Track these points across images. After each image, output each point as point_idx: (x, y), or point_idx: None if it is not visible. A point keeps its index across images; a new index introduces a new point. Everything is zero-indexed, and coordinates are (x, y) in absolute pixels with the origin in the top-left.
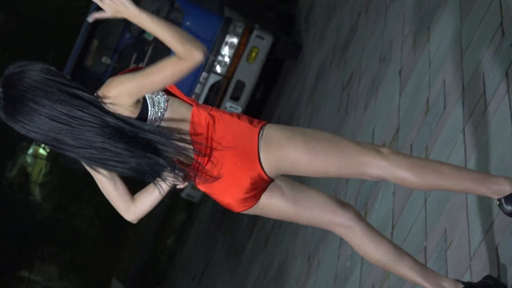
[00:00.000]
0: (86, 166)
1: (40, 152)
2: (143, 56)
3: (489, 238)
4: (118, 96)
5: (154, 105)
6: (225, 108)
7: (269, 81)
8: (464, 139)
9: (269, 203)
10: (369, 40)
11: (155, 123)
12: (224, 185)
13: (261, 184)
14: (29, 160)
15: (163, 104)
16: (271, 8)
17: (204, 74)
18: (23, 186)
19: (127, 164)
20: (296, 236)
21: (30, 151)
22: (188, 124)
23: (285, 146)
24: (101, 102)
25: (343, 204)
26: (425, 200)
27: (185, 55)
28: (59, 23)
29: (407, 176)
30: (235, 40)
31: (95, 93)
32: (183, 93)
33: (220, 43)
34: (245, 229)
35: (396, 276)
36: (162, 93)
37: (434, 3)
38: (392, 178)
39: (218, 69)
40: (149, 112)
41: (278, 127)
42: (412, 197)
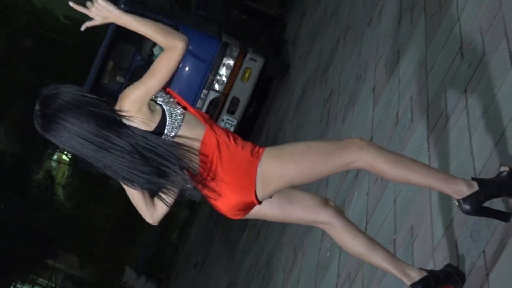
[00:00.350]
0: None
1: (63, 158)
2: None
3: (449, 232)
4: (131, 106)
5: (171, 116)
6: (222, 120)
7: (261, 97)
8: (428, 148)
9: (259, 212)
10: (347, 62)
11: (173, 132)
12: (221, 199)
13: (252, 206)
14: (53, 165)
15: (179, 117)
16: (262, 34)
17: (204, 91)
18: (48, 187)
19: (139, 184)
20: (284, 231)
21: (55, 157)
22: (199, 143)
23: (280, 176)
24: (121, 117)
25: (325, 202)
26: (395, 200)
27: (169, 45)
28: (79, 47)
29: (383, 167)
30: (231, 62)
31: (116, 110)
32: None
33: (218, 64)
34: (240, 225)
35: (370, 265)
36: (179, 107)
37: (404, 30)
38: (371, 168)
39: (216, 87)
40: (167, 121)
41: (273, 158)
42: (383, 197)
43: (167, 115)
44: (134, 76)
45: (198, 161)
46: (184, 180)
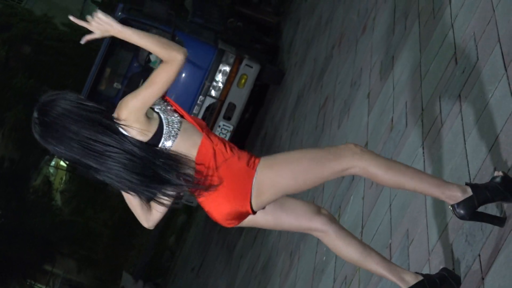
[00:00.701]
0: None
1: (61, 164)
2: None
3: (444, 237)
4: (129, 114)
5: (168, 125)
6: (219, 126)
7: (256, 103)
8: (423, 153)
9: (253, 221)
10: (342, 68)
11: (169, 141)
12: (214, 207)
13: (246, 215)
14: (51, 170)
15: (176, 125)
16: (258, 41)
17: (201, 97)
18: (46, 193)
19: (135, 190)
20: (280, 235)
21: (53, 163)
22: (196, 151)
23: (275, 186)
24: (118, 124)
25: (318, 210)
26: (390, 204)
27: (168, 58)
28: (77, 54)
29: (377, 172)
30: (227, 68)
31: (114, 117)
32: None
33: (214, 71)
34: (236, 229)
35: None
36: (176, 115)
37: (398, 37)
38: (365, 174)
39: (213, 93)
40: (164, 130)
41: (268, 168)
42: (379, 201)
43: (164, 124)
44: (131, 83)
45: (194, 169)
46: (179, 188)
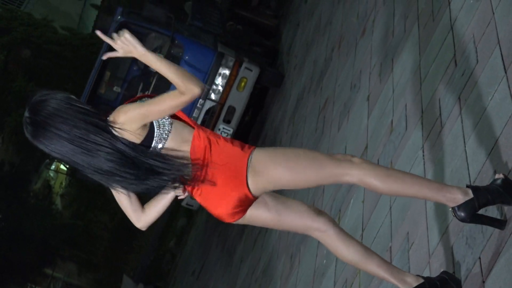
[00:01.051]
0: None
1: (61, 167)
2: (149, 86)
3: (445, 239)
4: (125, 122)
5: (159, 127)
6: (219, 129)
7: (256, 106)
8: (423, 155)
9: (255, 215)
10: (341, 71)
11: (160, 144)
12: (215, 201)
13: (247, 202)
14: (51, 174)
15: (167, 127)
16: (257, 44)
17: (201, 100)
18: (46, 196)
19: (130, 186)
20: (280, 238)
21: (53, 166)
22: (189, 145)
23: (270, 169)
24: (111, 127)
25: (319, 212)
26: (390, 207)
27: (185, 91)
28: (77, 58)
29: (375, 183)
30: (227, 72)
31: (107, 119)
32: (185, 115)
33: (214, 74)
34: (236, 232)
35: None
36: (167, 117)
37: (397, 39)
38: (363, 184)
39: (212, 96)
40: (155, 133)
41: (264, 152)
42: (379, 204)
43: (155, 126)
44: (130, 86)
45: (190, 166)
46: (174, 180)
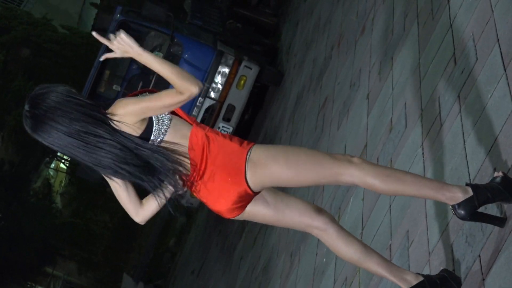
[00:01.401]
0: (103, 174)
1: (61, 166)
2: (148, 84)
3: (445, 237)
4: (124, 115)
5: (158, 122)
6: (218, 128)
7: (256, 104)
8: (423, 153)
9: (254, 211)
10: (341, 69)
11: (158, 138)
12: (215, 196)
13: (247, 197)
14: (51, 173)
15: (166, 122)
16: (257, 42)
17: (200, 99)
18: (46, 195)
19: (129, 178)
20: (280, 236)
21: (53, 165)
22: (187, 141)
23: (269, 165)
24: (110, 119)
25: (319, 210)
26: (390, 205)
27: (182, 90)
28: (76, 56)
29: (374, 183)
30: (226, 70)
31: (106, 112)
32: (184, 113)
33: (213, 72)
34: (236, 230)
35: (366, 271)
36: (167, 112)
37: (397, 37)
38: (362, 184)
39: (212, 94)
40: (154, 127)
41: (263, 148)
42: (378, 203)
43: (154, 121)
44: (130, 85)
45: (188, 161)
46: (173, 176)
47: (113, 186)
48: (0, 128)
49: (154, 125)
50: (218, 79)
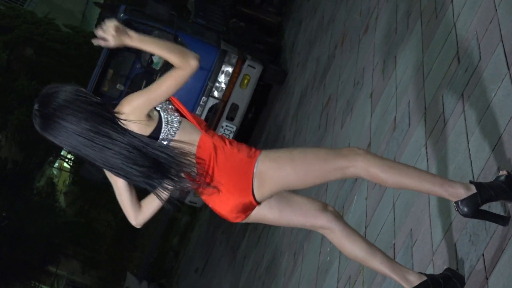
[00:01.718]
0: (107, 175)
1: (65, 165)
2: (152, 83)
3: (448, 236)
4: (131, 112)
5: (167, 123)
6: (222, 127)
7: (259, 103)
8: (426, 152)
9: (259, 215)
10: (344, 68)
11: (166, 141)
12: (219, 204)
13: (251, 208)
14: (55, 172)
15: (176, 124)
16: (260, 41)
17: (204, 98)
18: (50, 194)
19: (135, 179)
20: (284, 235)
21: (56, 164)
22: (195, 148)
23: (276, 175)
24: (118, 118)
25: (324, 207)
26: (394, 204)
27: (182, 65)
28: (80, 56)
29: (377, 172)
30: (230, 69)
31: (114, 111)
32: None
33: (217, 71)
34: (240, 229)
35: (370, 269)
36: (177, 115)
37: (400, 36)
38: (366, 174)
39: (215, 93)
40: (162, 129)
41: (269, 156)
42: (382, 201)
43: (163, 122)
44: (134, 84)
45: (195, 164)
46: (180, 180)
47: (116, 187)
48: (4, 127)
49: (163, 126)
50: (222, 78)
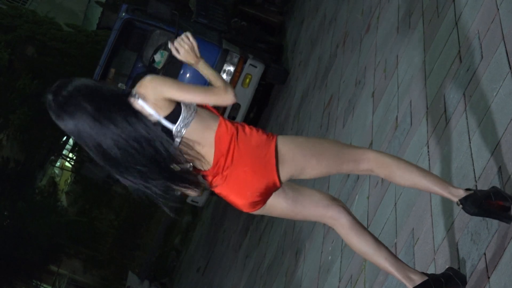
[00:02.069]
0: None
1: (66, 164)
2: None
3: (450, 235)
4: (150, 95)
5: (186, 106)
6: None
7: (261, 102)
8: (428, 151)
9: (274, 204)
10: (346, 67)
11: (186, 121)
12: (239, 189)
13: (272, 190)
14: (56, 171)
15: (193, 107)
16: (262, 40)
17: None
18: (52, 193)
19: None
20: (285, 234)
21: (58, 163)
22: (213, 132)
23: (297, 156)
24: (133, 98)
25: (333, 200)
26: (395, 203)
27: (221, 93)
28: (82, 55)
29: (386, 169)
30: (231, 68)
31: (131, 91)
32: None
33: (219, 70)
34: (242, 228)
35: (371, 268)
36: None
37: (402, 35)
38: (378, 166)
39: None
40: (182, 109)
41: (288, 139)
42: (384, 200)
43: (182, 105)
44: (135, 83)
45: (204, 158)
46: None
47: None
48: (5, 127)
49: (182, 108)
50: (224, 77)
